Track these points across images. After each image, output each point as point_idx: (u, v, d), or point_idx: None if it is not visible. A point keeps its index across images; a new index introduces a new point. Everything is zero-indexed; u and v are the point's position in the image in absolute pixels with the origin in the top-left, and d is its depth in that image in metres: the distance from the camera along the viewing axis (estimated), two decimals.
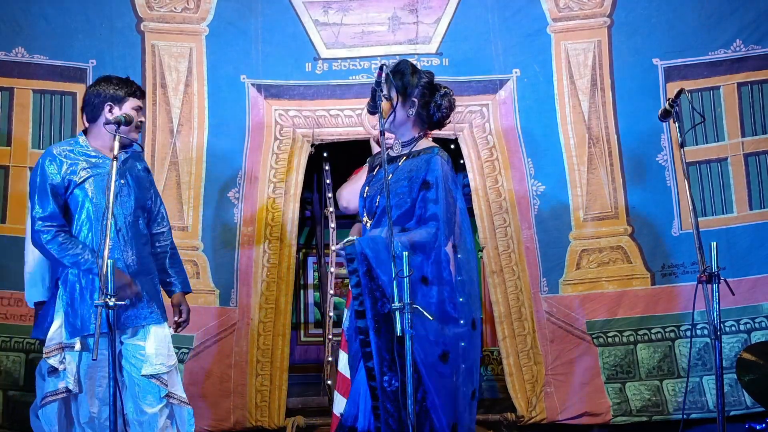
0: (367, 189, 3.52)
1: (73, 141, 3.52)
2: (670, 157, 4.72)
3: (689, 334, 4.56)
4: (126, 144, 3.42)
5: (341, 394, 3.93)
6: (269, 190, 4.71)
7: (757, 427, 4.20)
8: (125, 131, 3.37)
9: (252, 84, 4.76)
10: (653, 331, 4.67)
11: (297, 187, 4.73)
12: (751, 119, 4.73)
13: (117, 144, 3.20)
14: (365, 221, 3.49)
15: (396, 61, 3.48)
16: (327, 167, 5.25)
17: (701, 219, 4.38)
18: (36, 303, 3.63)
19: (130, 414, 3.44)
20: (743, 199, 4.69)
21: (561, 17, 4.81)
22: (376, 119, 3.56)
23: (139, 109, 3.51)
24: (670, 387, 4.63)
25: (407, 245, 3.18)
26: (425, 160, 3.37)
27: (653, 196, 4.72)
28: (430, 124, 3.50)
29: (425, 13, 4.83)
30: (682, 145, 3.42)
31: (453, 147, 4.83)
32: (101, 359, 3.18)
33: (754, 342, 4.57)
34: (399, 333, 2.93)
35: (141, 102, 3.53)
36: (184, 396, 3.52)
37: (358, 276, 3.25)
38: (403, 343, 2.99)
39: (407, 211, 3.34)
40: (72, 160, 3.42)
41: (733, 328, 4.63)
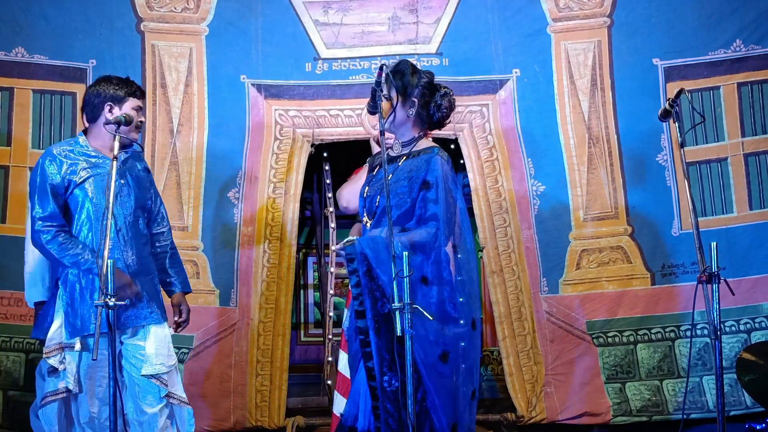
0: (367, 189, 3.52)
1: (73, 141, 3.52)
2: (670, 157, 4.72)
3: (689, 334, 4.56)
4: (126, 144, 3.43)
5: (341, 394, 3.93)
6: (269, 190, 4.71)
7: (757, 427, 4.20)
8: (125, 131, 3.37)
9: (252, 84, 4.76)
10: (653, 331, 4.67)
11: (297, 187, 4.73)
12: (751, 119, 4.73)
13: (117, 144, 3.20)
14: (365, 221, 3.49)
15: (396, 61, 3.48)
16: (327, 167, 5.25)
17: (701, 219, 4.38)
18: (36, 303, 3.63)
19: (130, 414, 3.44)
20: (743, 199, 4.69)
21: (561, 17, 4.81)
22: (376, 119, 3.56)
23: (139, 109, 3.51)
24: (670, 387, 4.63)
25: (407, 245, 3.17)
26: (425, 160, 3.36)
27: (653, 196, 4.72)
28: (430, 124, 3.50)
29: (425, 13, 4.83)
30: (682, 145, 3.42)
31: (453, 147, 4.83)
32: (101, 359, 3.18)
33: (754, 342, 4.57)
34: (399, 333, 2.93)
35: (141, 102, 3.53)
36: (184, 396, 3.52)
37: (358, 276, 3.25)
38: (403, 343, 2.99)
39: (407, 211, 3.34)
40: (72, 160, 3.42)
41: (733, 328, 4.63)
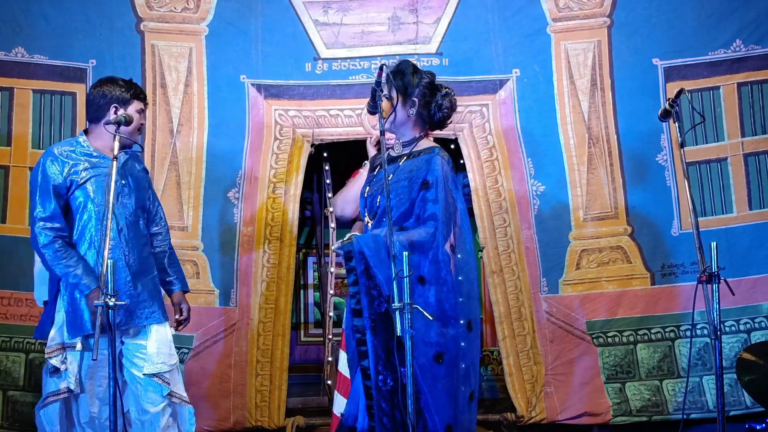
0: (368, 189, 3.52)
1: (74, 141, 3.52)
2: (670, 157, 4.72)
3: (689, 334, 4.56)
4: (126, 144, 3.43)
5: (341, 394, 3.94)
6: (269, 190, 4.71)
7: (757, 427, 4.20)
8: (125, 132, 3.38)
9: (252, 84, 4.75)
10: (653, 331, 4.67)
11: (297, 187, 4.73)
12: (751, 119, 4.73)
13: (117, 144, 3.21)
14: (366, 221, 3.49)
15: (396, 61, 3.48)
16: (327, 167, 5.25)
17: (701, 219, 4.38)
18: (45, 302, 3.63)
19: (132, 413, 3.45)
20: (743, 199, 4.69)
21: (561, 17, 4.81)
22: (376, 119, 3.57)
23: (142, 112, 3.53)
24: (669, 387, 4.63)
25: (405, 244, 3.17)
26: (426, 160, 3.36)
27: (653, 196, 4.72)
28: (431, 124, 3.50)
29: (425, 13, 4.83)
30: (682, 145, 3.42)
31: (453, 147, 4.83)
32: (102, 359, 3.18)
33: (754, 342, 4.57)
34: (399, 333, 2.92)
35: (144, 105, 3.55)
36: (185, 395, 3.53)
37: (355, 274, 3.26)
38: (401, 343, 2.99)
39: (407, 211, 3.34)
40: (74, 160, 3.42)
41: (733, 328, 4.63)
